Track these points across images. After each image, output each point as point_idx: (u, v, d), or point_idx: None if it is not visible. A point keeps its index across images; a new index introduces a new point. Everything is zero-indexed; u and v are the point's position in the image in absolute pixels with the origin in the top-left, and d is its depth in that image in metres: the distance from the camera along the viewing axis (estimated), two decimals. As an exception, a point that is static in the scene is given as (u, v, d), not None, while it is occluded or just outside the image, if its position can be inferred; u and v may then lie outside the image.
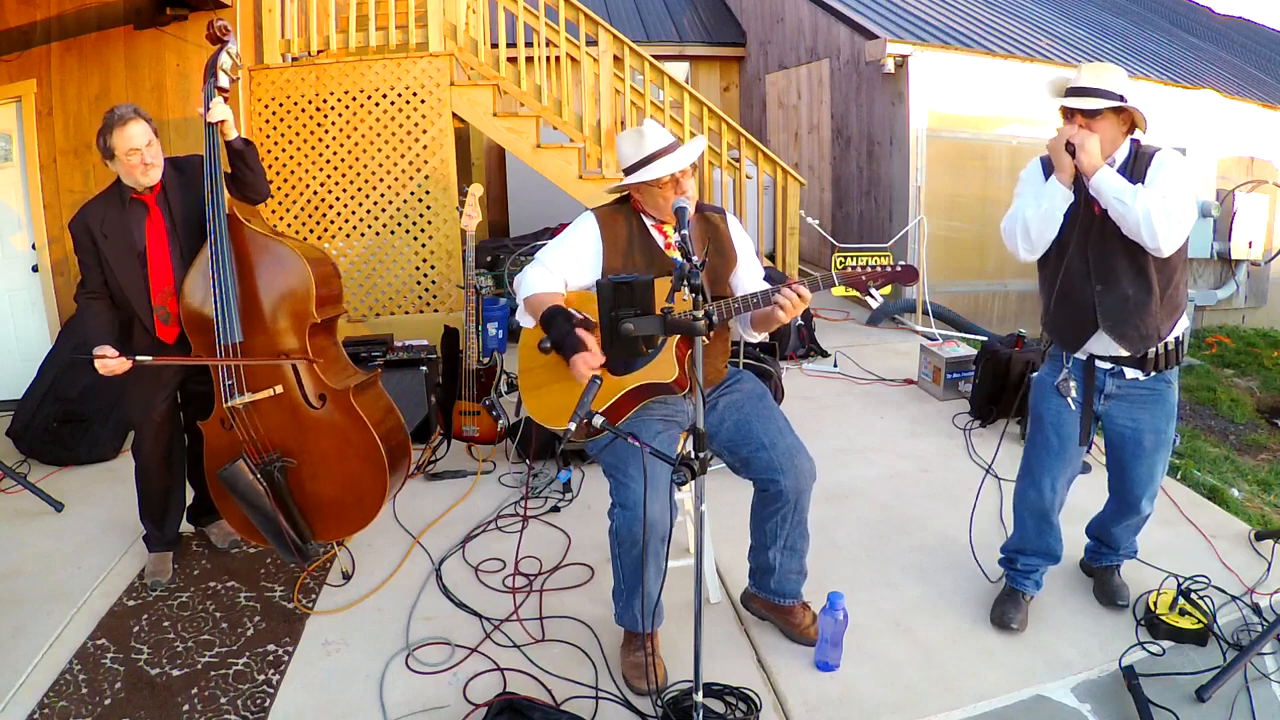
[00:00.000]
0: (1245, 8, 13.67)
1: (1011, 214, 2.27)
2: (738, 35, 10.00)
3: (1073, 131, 2.10)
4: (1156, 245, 2.04)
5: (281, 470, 2.68)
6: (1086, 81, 2.13)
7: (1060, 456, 2.42)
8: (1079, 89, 2.13)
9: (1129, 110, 2.12)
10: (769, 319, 2.21)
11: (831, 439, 4.03)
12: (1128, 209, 2.03)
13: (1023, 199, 2.26)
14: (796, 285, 2.06)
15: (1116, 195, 2.05)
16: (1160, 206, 2.00)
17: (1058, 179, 2.14)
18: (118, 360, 2.48)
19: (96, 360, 2.47)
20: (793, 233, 5.97)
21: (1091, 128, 2.10)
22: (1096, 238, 2.19)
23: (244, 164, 2.69)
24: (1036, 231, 2.19)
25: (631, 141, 2.27)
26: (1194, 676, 2.25)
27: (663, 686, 2.26)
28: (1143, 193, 2.03)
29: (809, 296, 2.08)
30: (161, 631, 2.58)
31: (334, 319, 2.81)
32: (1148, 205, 2.00)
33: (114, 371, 2.49)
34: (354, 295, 5.27)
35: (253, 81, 5.01)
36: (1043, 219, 2.17)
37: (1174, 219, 2.00)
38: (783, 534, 2.35)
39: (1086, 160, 2.07)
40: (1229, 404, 5.30)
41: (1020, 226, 2.22)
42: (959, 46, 6.56)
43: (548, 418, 2.31)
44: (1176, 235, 2.03)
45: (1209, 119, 7.18)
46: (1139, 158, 2.16)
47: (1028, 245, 2.23)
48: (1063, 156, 2.11)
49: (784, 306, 2.07)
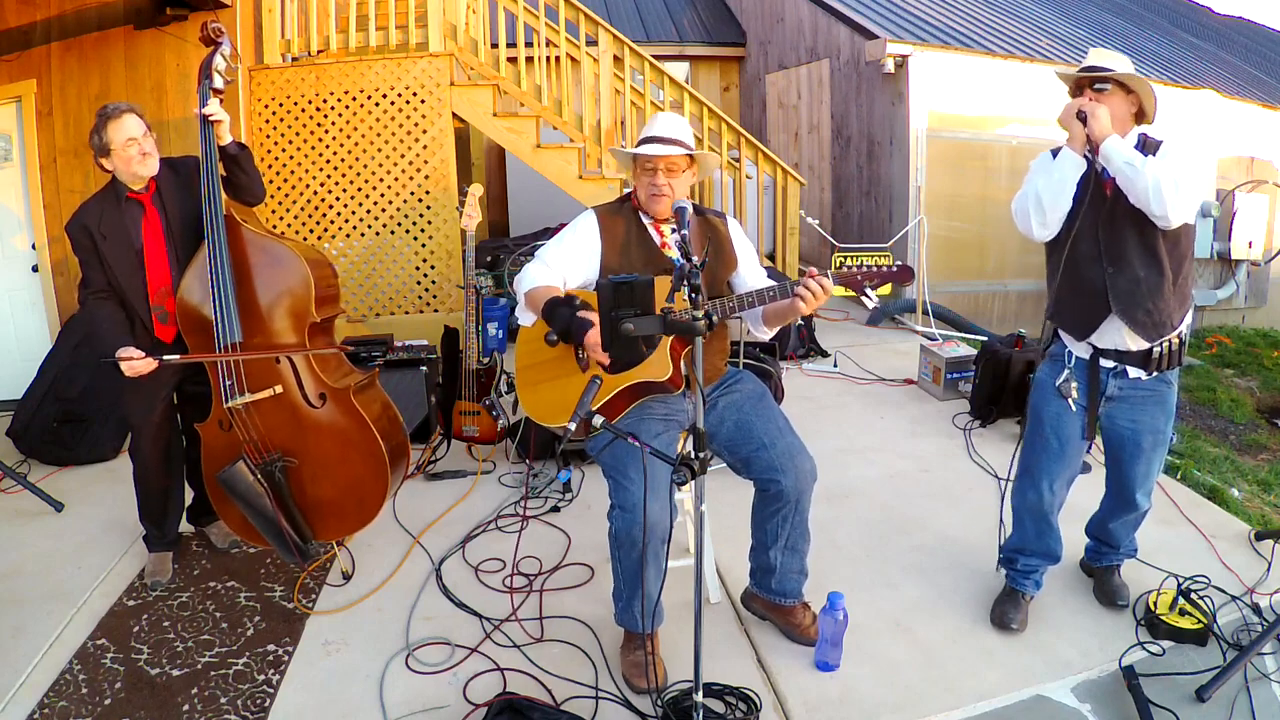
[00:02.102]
0: (1245, 8, 13.68)
1: (1022, 192, 2.26)
2: (738, 35, 10.00)
3: (1084, 101, 2.13)
4: (1165, 213, 2.03)
5: (282, 470, 2.68)
6: (1096, 61, 2.17)
7: (1060, 458, 2.42)
8: (1090, 67, 2.18)
9: (1137, 93, 2.14)
10: (785, 313, 2.22)
11: (831, 439, 4.03)
12: (1137, 173, 2.03)
13: (1032, 176, 2.27)
14: (819, 277, 2.06)
15: (1126, 160, 2.05)
16: (1169, 175, 2.00)
17: (1069, 148, 2.15)
18: (144, 360, 2.47)
19: (122, 362, 2.46)
20: (793, 233, 5.97)
21: (1101, 102, 2.12)
22: (1107, 218, 2.18)
23: (239, 169, 2.68)
24: (1049, 201, 2.17)
25: (648, 122, 2.33)
26: (1194, 676, 2.25)
27: (663, 686, 2.26)
28: (1152, 162, 2.04)
29: (831, 288, 2.07)
30: (161, 631, 2.58)
31: (332, 319, 2.81)
32: (1157, 173, 2.01)
33: (140, 372, 2.48)
34: (354, 295, 5.27)
35: (252, 81, 5.00)
36: (1055, 187, 2.16)
37: (1182, 188, 2.00)
38: (783, 534, 2.35)
39: (1097, 127, 2.08)
40: (1229, 404, 5.30)
41: (1032, 199, 2.20)
42: (959, 46, 6.56)
43: (544, 415, 2.32)
44: (1184, 205, 2.02)
45: (1209, 119, 7.18)
46: (1146, 146, 2.17)
47: (1040, 218, 2.20)
48: (1074, 124, 2.12)
49: (805, 298, 2.07)
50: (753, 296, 2.17)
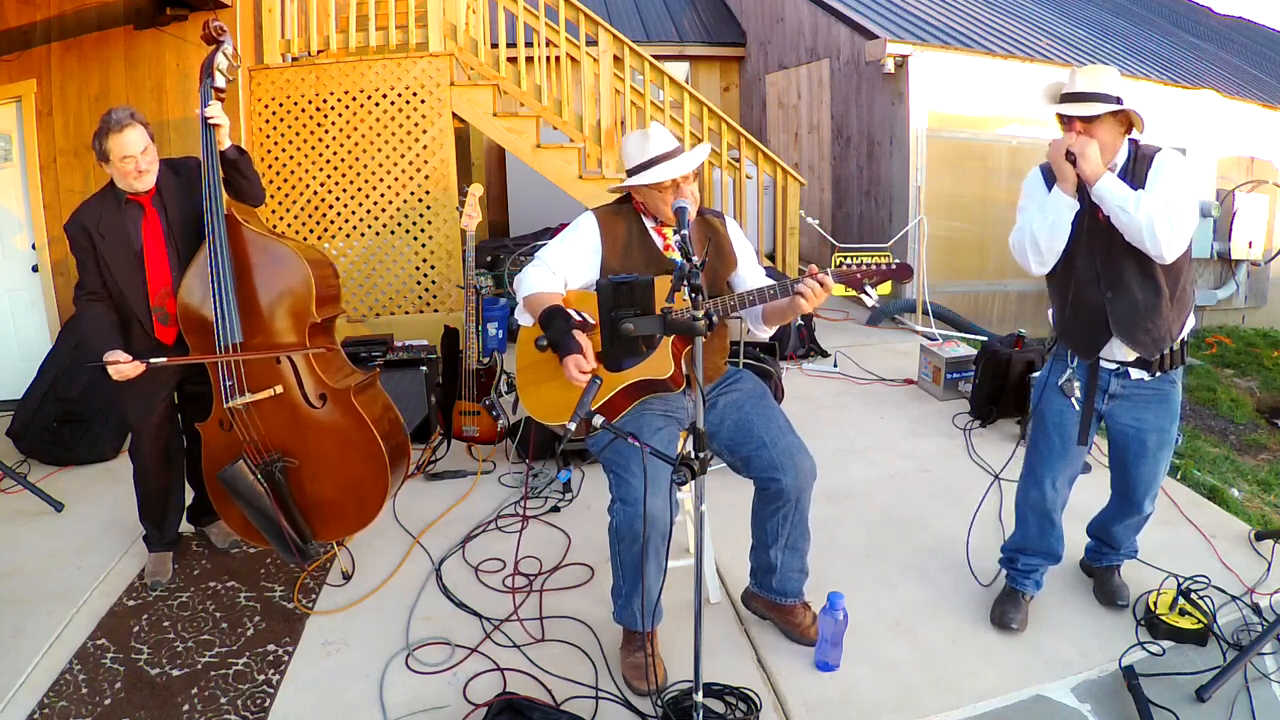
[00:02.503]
0: (1245, 8, 13.67)
1: (1019, 228, 2.27)
2: (738, 35, 10.00)
3: (1072, 140, 2.10)
4: (1159, 253, 2.04)
5: (282, 470, 2.67)
6: (1081, 86, 2.12)
7: (1063, 456, 2.42)
8: (1075, 94, 2.12)
9: (1127, 111, 2.11)
10: (785, 312, 2.22)
11: (831, 439, 4.03)
12: (1130, 218, 2.03)
13: (1027, 213, 2.26)
14: (820, 275, 2.06)
15: (1119, 204, 2.05)
16: (1163, 214, 2.00)
17: (1060, 189, 2.14)
18: (131, 364, 2.46)
19: (109, 366, 2.45)
20: (793, 233, 5.97)
21: (1090, 133, 2.10)
22: (1103, 244, 2.18)
23: (238, 173, 2.68)
24: (1046, 244, 2.19)
25: (636, 144, 2.28)
26: (1194, 676, 2.25)
27: (663, 686, 2.26)
28: (1145, 200, 2.02)
29: (832, 285, 2.08)
30: (161, 631, 2.58)
31: (333, 319, 2.81)
32: (1150, 213, 2.00)
33: (127, 376, 2.48)
34: (354, 295, 5.27)
35: (253, 81, 5.00)
36: (1050, 231, 2.17)
37: (1176, 226, 2.01)
38: (784, 533, 2.35)
39: (1088, 169, 2.07)
40: (1229, 404, 5.30)
41: (1029, 240, 2.22)
42: (959, 46, 6.56)
43: (545, 414, 2.32)
44: (1179, 242, 2.04)
45: (1209, 119, 7.18)
46: (1139, 160, 2.16)
47: (1038, 258, 2.23)
48: (1064, 166, 2.11)
49: (806, 295, 2.07)
50: (754, 295, 2.17)
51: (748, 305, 2.19)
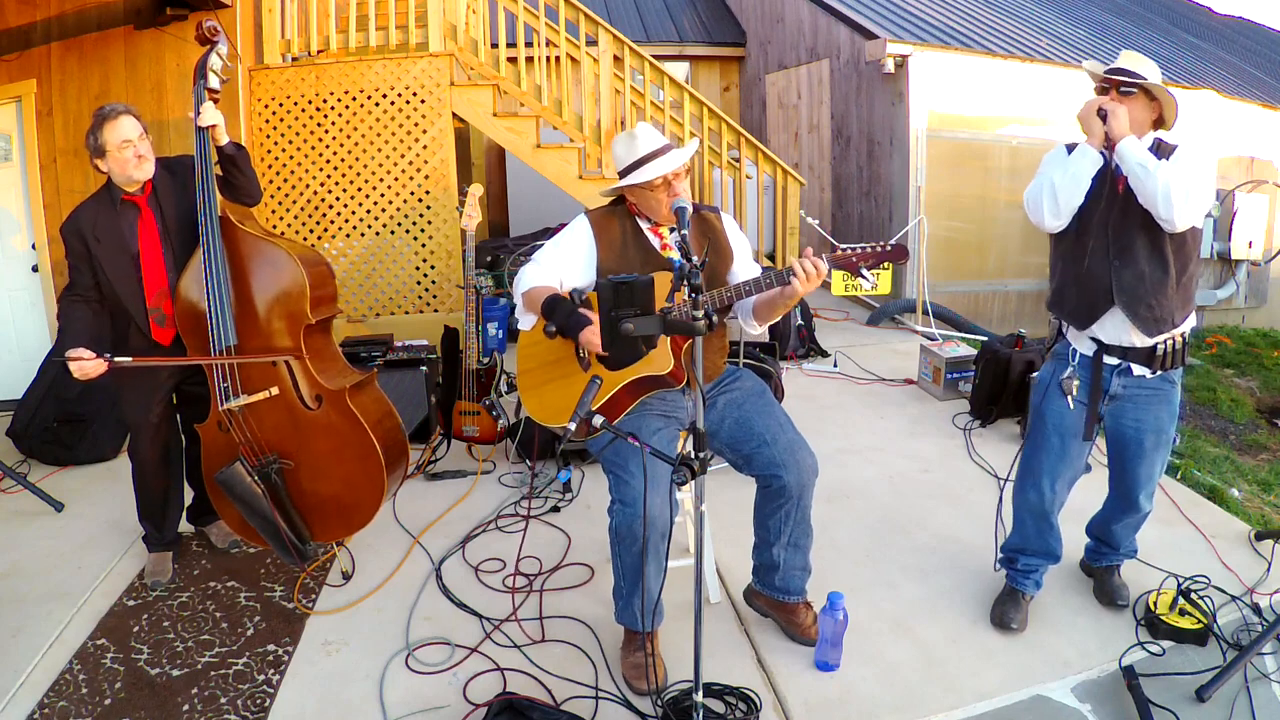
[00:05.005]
0: (1245, 8, 13.67)
1: (1037, 181, 2.29)
2: (738, 35, 10.00)
3: (1105, 100, 2.16)
4: (1171, 218, 2.06)
5: (279, 472, 2.67)
6: (1127, 64, 2.20)
7: (1062, 457, 2.42)
8: (1118, 69, 2.20)
9: (1159, 101, 2.18)
10: (776, 303, 2.22)
11: (831, 439, 4.03)
12: (1149, 175, 2.06)
13: (1048, 168, 2.29)
14: (813, 257, 2.06)
15: (1139, 161, 2.08)
16: (1180, 183, 2.03)
17: (1087, 142, 2.18)
18: (94, 362, 2.39)
19: (71, 363, 2.38)
20: (793, 233, 5.97)
21: (1123, 103, 2.15)
22: (1118, 215, 2.21)
23: (236, 169, 2.67)
24: (1064, 193, 2.20)
25: (624, 144, 2.28)
26: (1194, 676, 2.25)
27: (663, 686, 2.26)
28: (1165, 166, 2.07)
29: (825, 268, 2.08)
30: (161, 631, 2.58)
31: (329, 319, 2.80)
32: (1168, 178, 2.03)
33: (89, 374, 2.40)
34: (354, 295, 5.27)
35: (252, 81, 5.00)
36: (1070, 180, 2.19)
37: (1191, 197, 2.04)
38: (786, 530, 2.35)
39: (1116, 125, 2.11)
40: (1229, 404, 5.30)
41: (1048, 189, 2.23)
42: (959, 46, 6.56)
43: (547, 416, 2.33)
44: (1191, 212, 2.06)
45: (1209, 119, 7.17)
46: (1160, 151, 2.20)
47: (1053, 209, 2.23)
48: (1093, 121, 2.15)
49: (800, 277, 2.06)
50: (749, 285, 2.17)
51: (743, 296, 2.18)
